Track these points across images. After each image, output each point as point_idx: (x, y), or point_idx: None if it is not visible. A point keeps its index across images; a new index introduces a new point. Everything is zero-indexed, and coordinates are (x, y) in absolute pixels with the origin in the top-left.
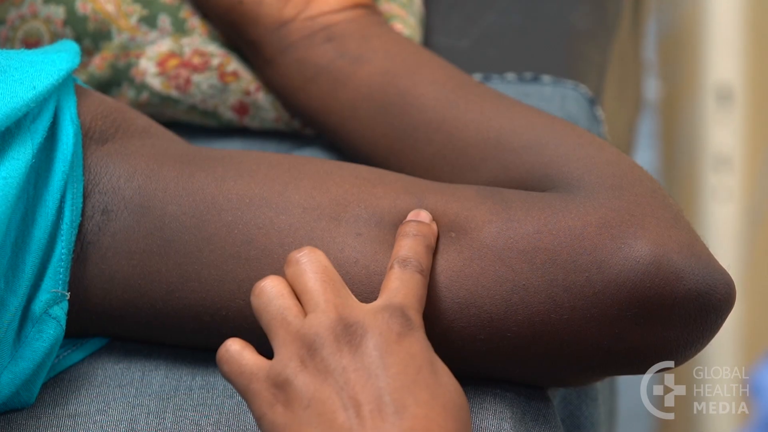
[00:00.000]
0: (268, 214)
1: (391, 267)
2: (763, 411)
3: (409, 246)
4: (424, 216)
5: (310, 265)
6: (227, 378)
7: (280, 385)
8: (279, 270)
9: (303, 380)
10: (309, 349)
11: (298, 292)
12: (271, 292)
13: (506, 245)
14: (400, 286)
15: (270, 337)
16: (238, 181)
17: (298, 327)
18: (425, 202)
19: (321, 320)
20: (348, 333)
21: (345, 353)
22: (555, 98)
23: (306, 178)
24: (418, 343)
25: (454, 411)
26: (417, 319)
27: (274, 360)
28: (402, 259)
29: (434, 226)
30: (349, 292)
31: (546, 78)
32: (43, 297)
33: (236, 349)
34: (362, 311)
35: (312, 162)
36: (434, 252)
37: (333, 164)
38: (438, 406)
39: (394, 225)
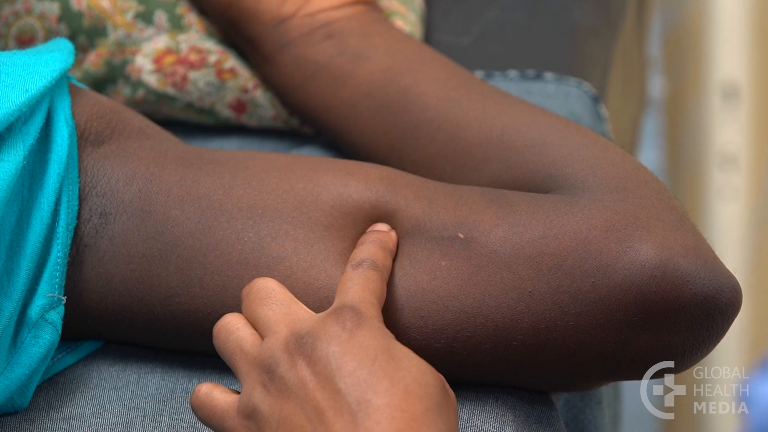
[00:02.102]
0: (283, 226)
1: (344, 272)
2: (755, 423)
3: (362, 250)
4: (381, 226)
5: (258, 293)
6: (205, 423)
7: (250, 416)
8: (289, 276)
9: (268, 404)
10: (268, 372)
11: (252, 322)
12: (227, 328)
13: (513, 251)
14: (351, 286)
15: (234, 372)
16: (248, 190)
17: (256, 354)
18: (435, 206)
19: (274, 341)
20: (300, 345)
21: (301, 366)
22: (558, 96)
23: (324, 192)
24: (371, 333)
25: (419, 391)
26: (369, 310)
27: (241, 392)
28: (356, 263)
29: (393, 234)
30: (302, 306)
31: (549, 75)
32: (39, 301)
33: (205, 392)
34: (312, 320)
35: (324, 168)
36: (446, 259)
37: (346, 172)
38: (399, 391)
39: (407, 231)
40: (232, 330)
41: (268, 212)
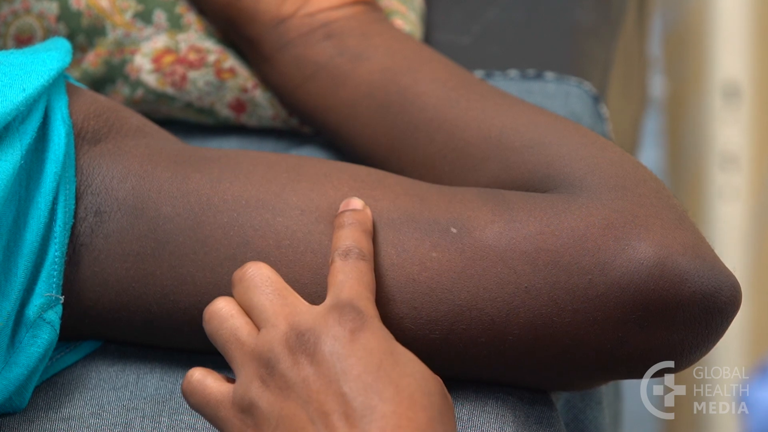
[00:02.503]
0: (264, 215)
1: (333, 261)
2: (755, 428)
3: (346, 236)
4: (356, 203)
5: (253, 280)
6: (196, 410)
7: (246, 409)
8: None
9: (267, 400)
10: (267, 367)
11: (246, 309)
12: (220, 314)
13: (509, 246)
14: (345, 279)
15: (228, 360)
16: (234, 182)
17: (253, 346)
18: (427, 202)
19: (273, 334)
20: (301, 342)
21: (303, 364)
22: (558, 95)
23: (304, 180)
24: (374, 336)
25: (423, 399)
26: (368, 308)
27: (236, 383)
28: (343, 251)
29: (368, 211)
30: (298, 297)
31: (549, 75)
32: (36, 301)
33: (198, 379)
34: (312, 315)
35: (310, 163)
36: (437, 250)
37: (332, 166)
38: (405, 399)
39: (394, 220)
40: (226, 317)
41: (251, 202)
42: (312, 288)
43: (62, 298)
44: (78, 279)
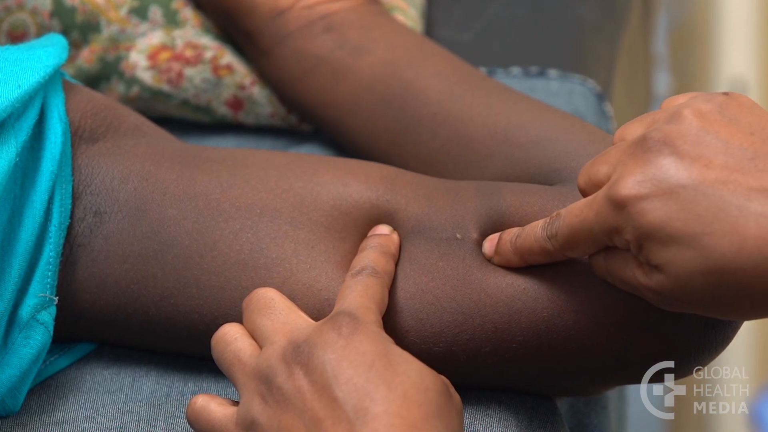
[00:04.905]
0: (282, 227)
1: (345, 280)
2: None
3: (362, 257)
4: (382, 229)
5: (258, 303)
6: None
7: (250, 428)
8: (288, 278)
9: (267, 416)
10: (266, 383)
11: (252, 333)
12: (225, 338)
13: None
14: (349, 293)
15: (233, 383)
16: (246, 189)
17: (254, 365)
18: (434, 204)
19: (271, 351)
20: (297, 354)
21: (298, 375)
22: (562, 93)
23: (323, 192)
24: (368, 338)
25: (418, 396)
26: (366, 315)
27: (239, 404)
28: (356, 271)
29: (395, 236)
30: (300, 314)
31: (552, 72)
32: (30, 301)
33: (201, 405)
34: (309, 328)
35: (324, 169)
36: (443, 260)
37: (346, 170)
38: (397, 398)
39: (408, 232)
40: (230, 340)
41: (267, 212)
42: (325, 294)
43: (56, 299)
44: (75, 280)
